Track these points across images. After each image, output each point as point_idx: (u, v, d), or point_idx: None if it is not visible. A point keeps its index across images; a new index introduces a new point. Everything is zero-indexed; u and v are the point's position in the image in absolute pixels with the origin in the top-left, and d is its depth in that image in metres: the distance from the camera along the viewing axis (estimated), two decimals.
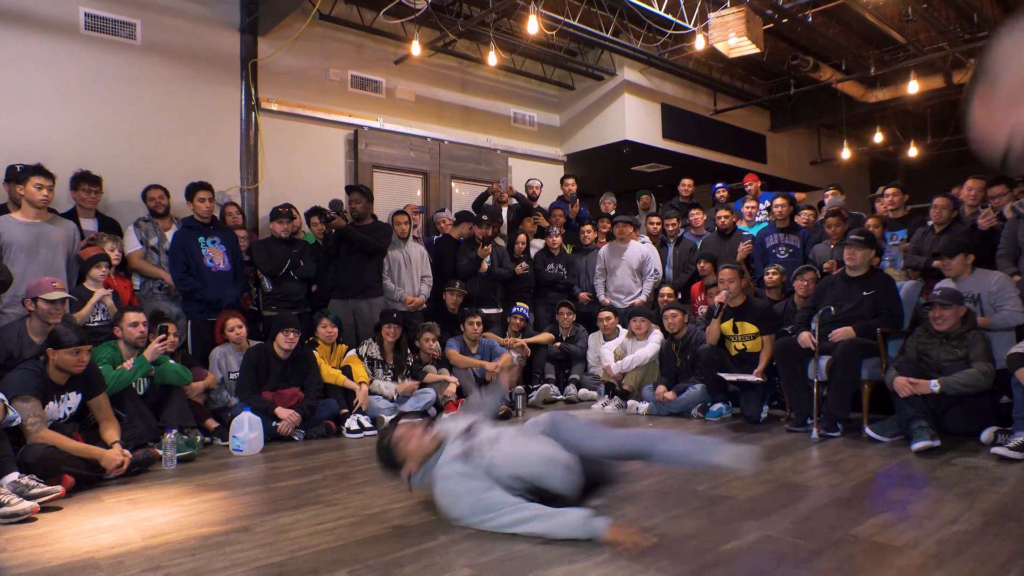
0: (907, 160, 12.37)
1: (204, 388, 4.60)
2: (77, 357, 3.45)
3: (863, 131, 12.11)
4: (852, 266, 4.60)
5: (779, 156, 11.60)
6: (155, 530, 2.66)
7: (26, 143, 5.20)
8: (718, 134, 10.23)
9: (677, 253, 6.89)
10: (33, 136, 5.30)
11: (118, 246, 4.92)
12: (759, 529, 2.52)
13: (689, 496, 3.01)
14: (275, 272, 5.34)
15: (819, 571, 2.11)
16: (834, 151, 11.99)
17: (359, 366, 5.13)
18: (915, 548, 2.29)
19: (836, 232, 5.58)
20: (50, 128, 5.44)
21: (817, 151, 12.51)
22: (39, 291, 3.73)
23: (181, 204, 5.42)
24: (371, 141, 7.40)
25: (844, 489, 3.07)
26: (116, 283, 4.76)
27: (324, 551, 2.37)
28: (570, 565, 2.19)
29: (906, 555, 2.23)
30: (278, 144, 6.74)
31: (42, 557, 2.39)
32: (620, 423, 5.04)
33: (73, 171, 5.07)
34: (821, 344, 4.44)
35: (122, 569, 2.25)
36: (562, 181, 8.04)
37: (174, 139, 6.10)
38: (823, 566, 2.15)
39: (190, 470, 3.74)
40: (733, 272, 5.08)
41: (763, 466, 3.54)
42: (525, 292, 6.80)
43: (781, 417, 4.93)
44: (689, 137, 9.73)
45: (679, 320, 5.46)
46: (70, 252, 4.48)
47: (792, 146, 11.97)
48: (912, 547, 2.30)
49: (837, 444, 4.10)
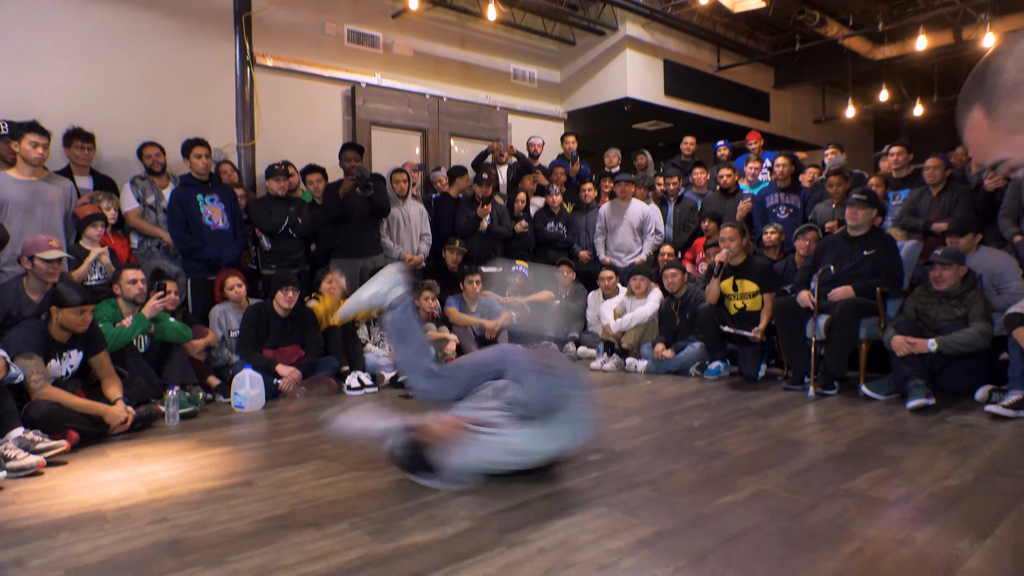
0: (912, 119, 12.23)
1: (205, 346, 4.63)
2: (81, 317, 3.47)
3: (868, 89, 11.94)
4: (854, 226, 4.59)
5: (782, 114, 11.47)
6: (160, 484, 2.71)
7: (18, 100, 5.13)
8: (721, 91, 10.09)
9: (677, 212, 6.87)
10: (25, 93, 5.23)
11: (114, 204, 4.89)
12: (754, 484, 2.56)
13: (686, 451, 3.06)
14: (274, 230, 5.32)
15: (812, 524, 2.15)
16: (838, 109, 11.84)
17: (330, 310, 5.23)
18: (907, 502, 2.34)
19: (838, 192, 5.55)
20: (42, 85, 5.36)
21: (821, 109, 12.37)
22: (36, 249, 3.72)
23: (177, 162, 5.37)
24: (369, 98, 7.31)
25: (839, 445, 3.12)
26: (113, 241, 4.75)
27: (326, 504, 2.42)
28: (568, 517, 2.24)
29: (898, 509, 2.28)
30: (274, 101, 6.65)
31: (50, 509, 2.43)
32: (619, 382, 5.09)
33: (66, 128, 5.01)
34: (820, 303, 4.45)
35: (128, 521, 2.29)
36: (563, 139, 7.96)
37: (168, 95, 6.01)
38: (816, 519, 2.19)
39: (193, 426, 3.79)
40: (734, 231, 5.06)
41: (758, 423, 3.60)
42: (524, 251, 6.79)
43: (778, 375, 4.97)
44: (691, 94, 9.60)
45: (679, 279, 5.47)
46: (67, 210, 4.46)
47: (796, 104, 11.83)
48: (904, 501, 2.35)
49: (833, 402, 4.14)
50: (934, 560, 1.88)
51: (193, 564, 1.93)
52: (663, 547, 2.00)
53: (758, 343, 4.92)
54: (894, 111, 12.86)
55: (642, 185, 7.11)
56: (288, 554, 1.99)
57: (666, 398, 4.41)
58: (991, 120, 0.81)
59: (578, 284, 6.65)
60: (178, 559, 1.97)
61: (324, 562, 1.93)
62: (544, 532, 2.12)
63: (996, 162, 0.84)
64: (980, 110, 0.82)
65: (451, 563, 1.90)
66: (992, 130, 0.81)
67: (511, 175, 7.37)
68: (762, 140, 7.53)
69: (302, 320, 4.82)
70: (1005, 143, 0.81)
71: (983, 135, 0.83)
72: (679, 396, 4.45)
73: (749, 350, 4.92)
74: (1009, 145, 0.81)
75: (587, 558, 1.92)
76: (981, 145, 0.84)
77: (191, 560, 1.96)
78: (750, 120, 10.49)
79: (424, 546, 2.03)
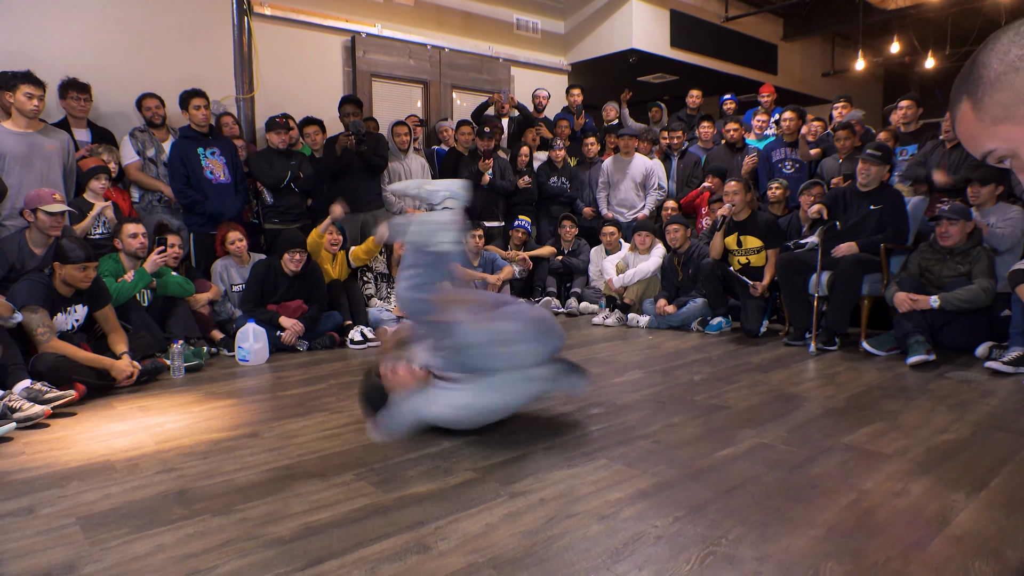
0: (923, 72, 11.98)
1: (208, 300, 4.65)
2: (84, 273, 3.47)
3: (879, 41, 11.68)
4: (863, 181, 4.54)
5: (790, 67, 11.24)
6: (167, 435, 2.75)
7: (12, 51, 5.04)
8: (728, 43, 9.88)
9: (681, 167, 6.80)
10: (21, 43, 5.13)
11: (114, 157, 4.85)
12: (754, 437, 2.60)
13: (687, 406, 3.09)
14: (276, 184, 5.28)
15: (810, 475, 2.19)
16: (848, 62, 11.60)
17: (358, 249, 5.27)
18: (904, 455, 2.37)
19: (845, 146, 5.48)
20: (37, 35, 5.26)
21: (830, 62, 12.12)
22: (39, 202, 3.70)
23: (176, 115, 5.31)
24: (369, 48, 7.17)
25: (838, 400, 3.15)
26: (115, 195, 4.73)
27: (331, 455, 2.46)
28: (569, 469, 2.27)
29: (894, 461, 2.31)
30: (273, 51, 6.53)
31: (60, 459, 2.48)
32: (620, 337, 5.11)
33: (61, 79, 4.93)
34: (824, 259, 4.44)
35: (137, 471, 2.34)
36: (568, 92, 7.84)
37: (165, 46, 5.90)
38: (814, 471, 2.23)
39: (198, 379, 3.83)
40: (739, 185, 5.02)
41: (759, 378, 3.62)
42: (527, 205, 6.76)
43: (780, 331, 5.00)
44: (698, 46, 9.41)
45: (681, 235, 5.45)
46: (66, 163, 4.43)
47: (805, 57, 11.59)
48: (901, 454, 2.38)
49: (834, 358, 4.17)
50: (929, 511, 1.91)
51: (201, 512, 1.97)
52: (662, 498, 2.03)
53: (760, 298, 4.92)
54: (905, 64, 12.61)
55: (646, 139, 7.02)
56: (294, 503, 2.03)
57: (667, 353, 4.44)
58: (977, 112, 0.85)
59: (580, 239, 6.63)
60: (186, 507, 2.01)
61: (329, 511, 1.97)
62: (545, 483, 2.15)
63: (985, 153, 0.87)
64: (967, 102, 0.86)
65: (454, 512, 1.94)
66: (979, 121, 0.85)
67: (512, 128, 7.28)
68: (775, 94, 7.41)
69: (310, 277, 4.81)
70: (991, 133, 0.84)
71: (972, 126, 0.86)
72: (680, 351, 4.48)
73: (751, 304, 4.93)
74: (995, 135, 0.84)
75: (587, 508, 1.96)
76: (971, 136, 0.87)
77: (199, 508, 2.00)
78: (757, 73, 10.31)
79: (427, 496, 2.07)
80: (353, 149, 5.56)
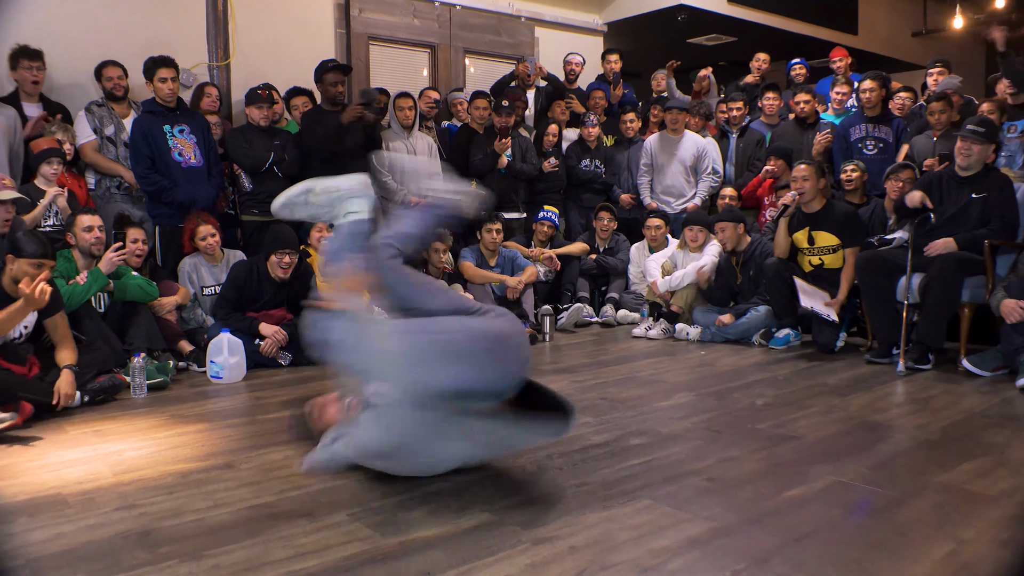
0: None
1: (175, 305, 4.69)
2: (38, 271, 3.52)
3: None
4: (964, 164, 4.48)
5: (873, 26, 11.15)
6: (126, 465, 2.78)
7: None
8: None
9: (740, 146, 6.77)
10: None
11: (69, 137, 4.93)
12: (829, 474, 2.57)
13: (747, 436, 3.07)
14: (257, 168, 5.33)
15: (898, 521, 2.16)
16: (943, 19, 11.48)
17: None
18: (1011, 497, 2.34)
19: (941, 121, 5.42)
20: None
21: (922, 19, 11.99)
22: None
23: (139, 87, 5.38)
24: (366, 6, 7.22)
25: (932, 430, 3.11)
26: (69, 181, 4.80)
27: (319, 491, 2.47)
28: (605, 511, 2.27)
29: (1000, 505, 2.28)
30: (252, 10, 6.59)
31: (6, 491, 2.52)
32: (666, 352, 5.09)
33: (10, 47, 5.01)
34: (915, 258, 4.39)
35: (93, 507, 2.37)
36: (603, 57, 7.83)
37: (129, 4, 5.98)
38: (903, 516, 2.20)
39: (163, 399, 3.87)
40: (810, 168, 4.98)
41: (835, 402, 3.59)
42: (554, 193, 6.76)
43: (861, 346, 4.95)
44: (762, 1, 9.37)
45: (730, 234, 5.38)
46: (12, 143, 4.51)
47: (891, 13, 11.49)
48: (1008, 496, 2.35)
49: (927, 378, 4.12)
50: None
51: (167, 557, 1.99)
52: (718, 547, 2.02)
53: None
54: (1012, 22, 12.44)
55: (698, 114, 7.00)
56: (276, 548, 2.04)
57: (723, 371, 4.41)
58: None
59: (618, 234, 6.61)
60: (150, 551, 2.03)
61: (318, 558, 1.98)
62: (575, 528, 2.15)
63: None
64: None
65: (466, 562, 1.94)
66: None
67: (540, 102, 7.28)
68: (849, 58, 7.34)
69: (300, 284, 4.79)
70: None
71: None
72: (739, 369, 4.45)
73: None
74: None
75: (627, 559, 1.95)
76: None
77: (165, 553, 2.02)
78: (833, 33, 10.23)
79: (434, 541, 2.07)
80: (369, 122, 5.57)
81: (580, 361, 4.81)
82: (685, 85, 8.34)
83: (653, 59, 8.91)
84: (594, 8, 9.19)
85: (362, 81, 7.04)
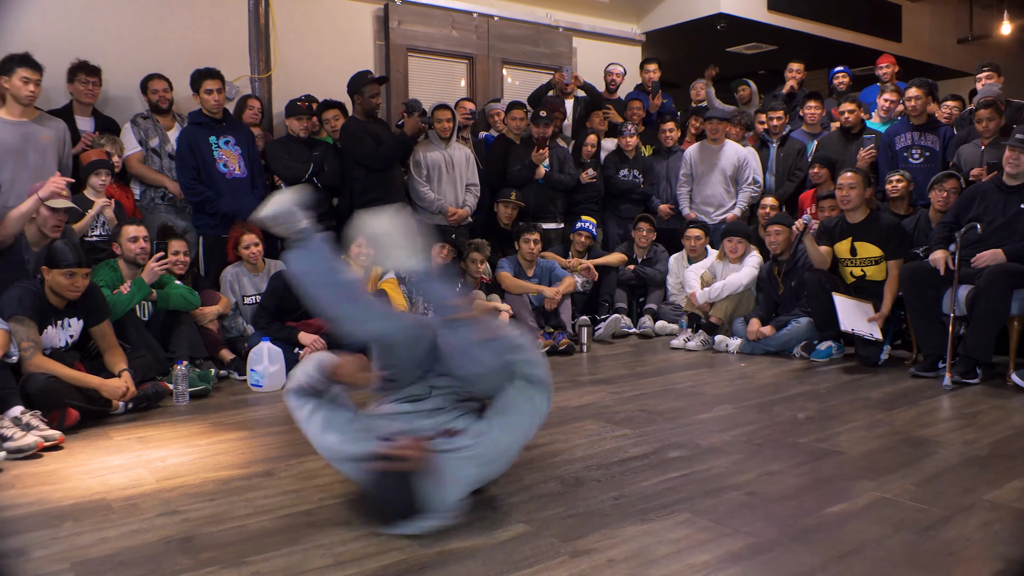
0: None
1: (217, 314, 4.77)
2: (71, 281, 3.59)
3: None
4: (1013, 173, 4.40)
5: (917, 32, 10.99)
6: (169, 472, 2.84)
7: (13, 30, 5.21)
8: (840, 4, 9.72)
9: (781, 156, 6.70)
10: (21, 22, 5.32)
11: (117, 149, 5.04)
12: (873, 490, 2.54)
13: (789, 450, 3.04)
14: (296, 179, 5.40)
15: (945, 539, 2.12)
16: (990, 26, 11.28)
17: (397, 293, 5.22)
18: None
19: (989, 129, 5.31)
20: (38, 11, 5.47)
21: (967, 25, 11.79)
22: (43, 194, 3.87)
23: (184, 99, 5.49)
24: (405, 18, 7.30)
25: (980, 446, 3.05)
26: (117, 192, 4.90)
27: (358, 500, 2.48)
28: (643, 524, 2.26)
29: None
30: (293, 23, 6.70)
31: (52, 496, 2.58)
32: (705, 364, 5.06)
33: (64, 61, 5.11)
34: (962, 270, 4.32)
35: (136, 512, 2.42)
36: (641, 67, 7.82)
37: (173, 19, 6.11)
38: (950, 534, 2.16)
39: (204, 407, 3.95)
40: (856, 177, 4.91)
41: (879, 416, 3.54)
42: (592, 204, 6.75)
43: (906, 359, 4.88)
44: (802, 8, 9.28)
45: (784, 239, 5.35)
46: (61, 155, 4.63)
47: (935, 19, 11.32)
48: None
49: (974, 393, 4.05)
50: None
51: (209, 563, 2.03)
52: (759, 563, 2.00)
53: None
54: None
55: (738, 123, 6.95)
56: (315, 556, 2.06)
57: (763, 384, 4.38)
58: None
59: (657, 245, 6.59)
60: (192, 556, 2.07)
61: (357, 566, 2.00)
62: (614, 540, 2.14)
63: None
64: None
65: (503, 572, 1.95)
66: None
67: (578, 111, 7.29)
68: (896, 66, 7.25)
69: None
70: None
71: None
72: (780, 382, 4.41)
73: None
74: None
75: (666, 573, 1.94)
76: None
77: (205, 559, 2.06)
78: (876, 40, 10.10)
79: (471, 552, 2.08)
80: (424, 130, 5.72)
81: (618, 372, 4.79)
82: (725, 94, 8.30)
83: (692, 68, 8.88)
84: (632, 18, 9.19)
85: (401, 92, 7.11)
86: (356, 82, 5.73)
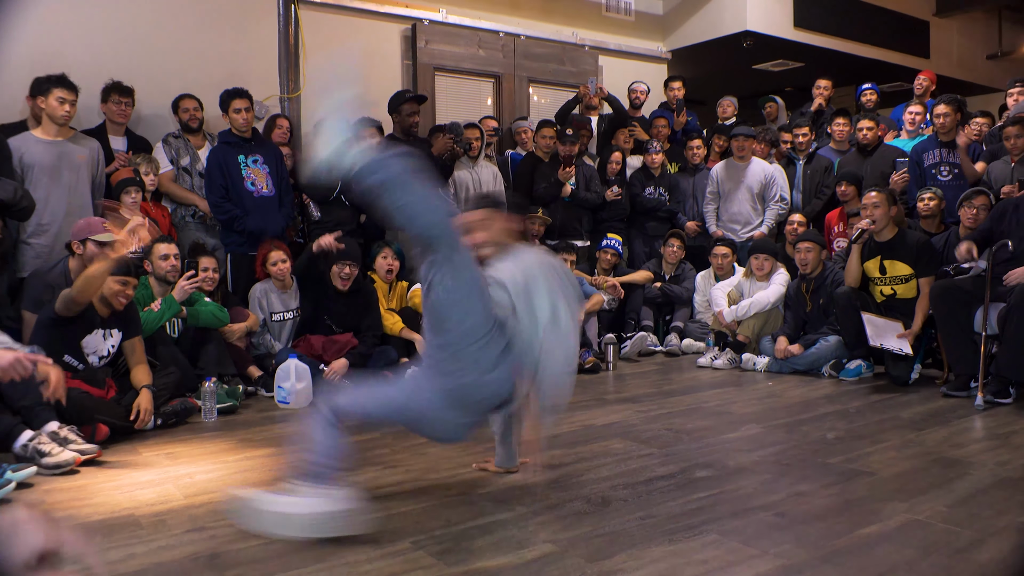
0: None
1: (245, 331, 4.81)
2: (122, 288, 3.70)
3: None
4: None
5: (945, 48, 10.91)
6: (197, 488, 2.86)
7: (49, 52, 5.34)
8: (866, 20, 9.68)
9: (808, 173, 6.67)
10: (56, 44, 5.45)
11: (153, 168, 5.12)
12: (904, 512, 2.50)
13: (818, 470, 3.01)
14: (324, 197, 5.46)
15: (978, 562, 2.09)
16: (1019, 41, 11.18)
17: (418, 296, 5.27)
18: None
19: (1017, 146, 5.26)
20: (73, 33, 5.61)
21: (997, 41, 11.70)
22: (88, 232, 3.93)
23: (214, 119, 5.58)
24: (432, 38, 7.37)
25: (1014, 467, 3.01)
26: (152, 210, 4.98)
27: (384, 519, 2.49)
28: (670, 544, 2.24)
29: None
30: (322, 44, 6.79)
31: (81, 511, 2.61)
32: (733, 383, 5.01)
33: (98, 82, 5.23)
34: (994, 288, 4.26)
35: (164, 528, 2.43)
36: (666, 84, 7.83)
37: (204, 39, 6.22)
38: (984, 557, 2.13)
39: (232, 423, 3.98)
40: (881, 196, 4.88)
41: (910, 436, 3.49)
42: (618, 221, 6.75)
43: (937, 379, 4.82)
44: (828, 25, 9.26)
45: (814, 256, 5.31)
46: (94, 174, 4.73)
47: (963, 35, 11.23)
48: None
49: (1008, 413, 3.99)
50: None
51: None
52: None
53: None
54: None
55: (764, 140, 6.93)
56: (341, 574, 2.07)
57: (792, 403, 4.34)
58: None
59: (685, 262, 6.56)
60: (219, 573, 2.08)
61: None
62: (641, 561, 2.13)
63: None
64: None
65: None
66: None
67: (602, 127, 7.31)
68: (934, 84, 7.21)
69: (363, 299, 4.98)
70: None
71: None
72: (808, 401, 4.37)
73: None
74: None
75: None
76: None
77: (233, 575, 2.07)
78: (904, 57, 10.05)
79: (497, 571, 2.08)
80: (457, 155, 5.82)
81: (644, 391, 4.77)
82: (751, 110, 8.28)
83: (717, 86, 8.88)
84: (658, 36, 9.21)
85: (428, 112, 7.16)
86: (394, 101, 5.89)
